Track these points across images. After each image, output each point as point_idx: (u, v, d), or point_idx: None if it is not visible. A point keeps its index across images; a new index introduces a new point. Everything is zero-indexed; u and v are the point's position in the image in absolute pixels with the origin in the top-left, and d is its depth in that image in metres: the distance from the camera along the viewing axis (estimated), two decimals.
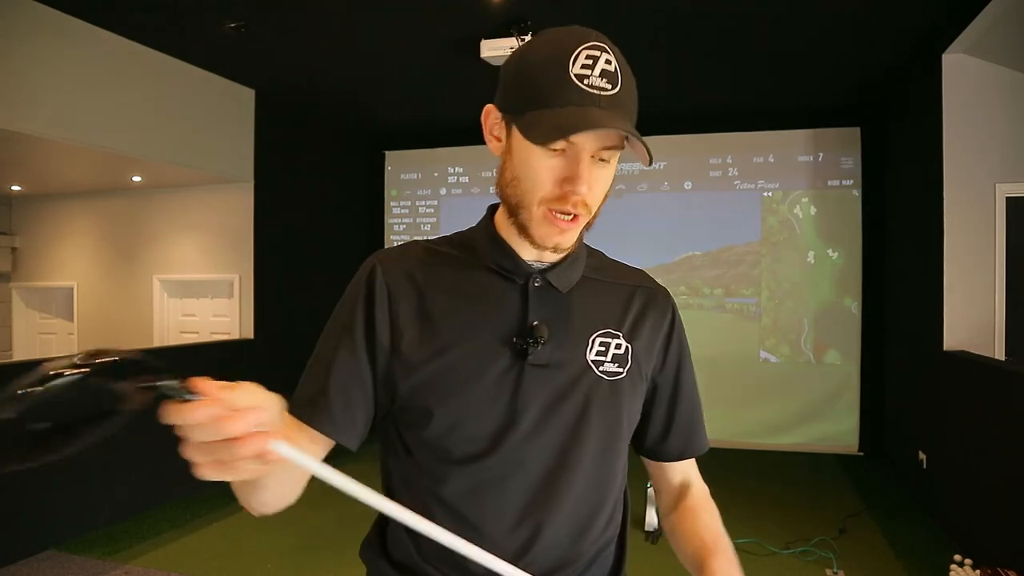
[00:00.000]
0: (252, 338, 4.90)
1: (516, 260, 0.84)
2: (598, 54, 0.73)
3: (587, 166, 0.74)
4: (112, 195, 5.45)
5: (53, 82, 3.48)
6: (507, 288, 0.84)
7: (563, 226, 0.77)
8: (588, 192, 0.75)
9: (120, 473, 3.81)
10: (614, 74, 0.73)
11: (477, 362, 0.80)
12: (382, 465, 0.90)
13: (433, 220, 6.25)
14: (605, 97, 0.72)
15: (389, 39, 3.92)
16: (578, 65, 0.72)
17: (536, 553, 0.80)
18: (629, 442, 0.91)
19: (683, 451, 0.96)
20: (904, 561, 3.22)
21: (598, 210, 0.81)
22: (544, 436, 0.81)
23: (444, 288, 0.84)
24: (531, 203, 0.77)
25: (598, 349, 0.85)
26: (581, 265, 0.89)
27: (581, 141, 0.73)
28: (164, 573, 3.12)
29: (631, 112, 0.75)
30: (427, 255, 0.87)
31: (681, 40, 3.92)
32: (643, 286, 0.93)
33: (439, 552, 0.80)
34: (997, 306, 3.64)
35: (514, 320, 0.82)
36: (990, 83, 3.65)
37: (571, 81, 0.72)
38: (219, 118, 4.63)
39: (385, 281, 0.83)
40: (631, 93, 0.75)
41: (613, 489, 0.88)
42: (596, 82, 0.72)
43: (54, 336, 6.09)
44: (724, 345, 5.48)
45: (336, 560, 3.26)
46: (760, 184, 5.44)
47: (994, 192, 3.64)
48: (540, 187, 0.76)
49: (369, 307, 0.82)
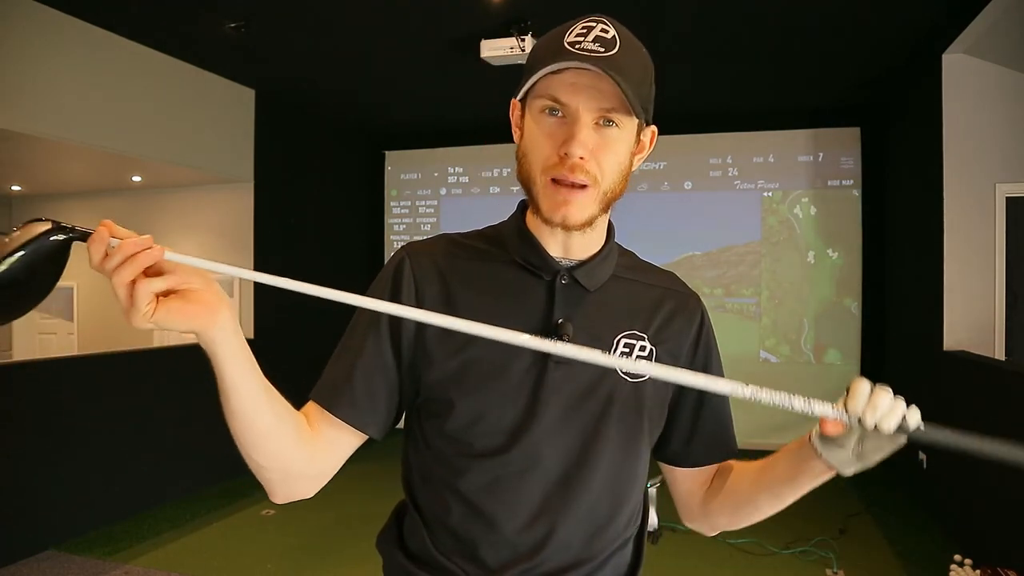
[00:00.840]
0: (252, 338, 4.90)
1: (543, 255, 0.83)
2: (594, 24, 0.75)
3: (584, 127, 0.74)
4: (112, 195, 5.45)
5: (53, 82, 3.48)
6: (534, 284, 0.83)
7: (566, 195, 0.75)
8: (588, 156, 0.74)
9: (120, 473, 3.81)
10: (610, 40, 0.73)
11: (500, 357, 0.79)
12: (403, 458, 0.90)
13: (433, 220, 6.25)
14: (594, 57, 0.71)
15: (389, 39, 3.92)
16: (573, 35, 0.74)
17: (550, 552, 0.80)
18: (647, 459, 0.89)
19: (704, 459, 0.92)
20: (904, 561, 3.22)
21: (618, 186, 0.79)
22: (563, 435, 0.80)
23: (471, 281, 0.84)
24: (536, 174, 0.77)
25: (622, 350, 0.83)
26: (611, 263, 0.88)
27: (575, 103, 0.73)
28: (164, 573, 3.12)
29: (630, 76, 0.73)
30: (456, 248, 0.87)
31: (681, 40, 3.92)
32: (674, 289, 0.92)
33: (453, 544, 0.81)
34: (997, 306, 3.64)
35: (539, 316, 0.81)
36: (990, 83, 3.65)
37: (563, 47, 0.73)
38: (219, 118, 4.63)
39: (413, 274, 0.84)
40: (633, 59, 0.75)
41: (633, 492, 0.87)
42: (588, 45, 0.72)
43: (54, 336, 6.09)
44: (724, 345, 5.24)
45: (336, 560, 3.26)
46: (760, 184, 5.44)
47: (994, 192, 3.64)
48: (541, 154, 0.76)
49: (396, 298, 0.82)
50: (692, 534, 3.98)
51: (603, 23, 0.75)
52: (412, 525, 0.86)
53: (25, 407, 3.33)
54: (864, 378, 0.67)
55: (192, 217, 5.17)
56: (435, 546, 0.82)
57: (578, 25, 0.75)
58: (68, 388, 3.56)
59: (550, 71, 0.73)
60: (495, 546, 0.80)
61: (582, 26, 0.75)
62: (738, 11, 3.50)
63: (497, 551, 0.80)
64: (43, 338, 6.16)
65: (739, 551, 3.36)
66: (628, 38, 0.75)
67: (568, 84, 0.73)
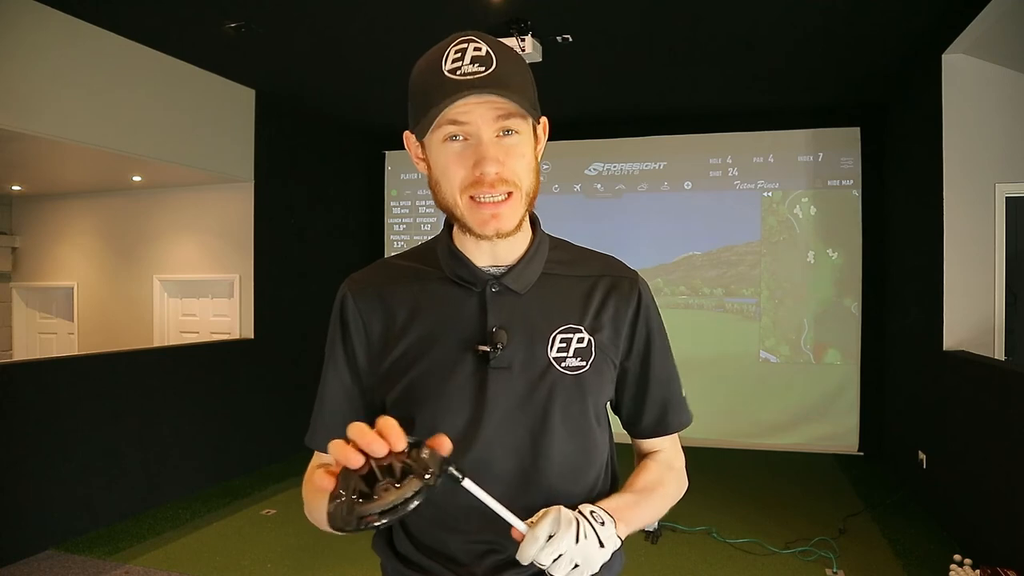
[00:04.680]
0: (252, 338, 4.90)
1: (472, 269, 0.88)
2: (465, 45, 0.78)
3: (490, 144, 0.78)
4: (112, 195, 5.45)
5: (54, 82, 3.48)
6: (466, 296, 0.88)
7: (492, 209, 0.80)
8: (502, 167, 0.79)
9: (120, 473, 3.81)
10: (485, 57, 0.77)
11: (444, 370, 0.85)
12: None
13: (433, 220, 6.25)
14: (478, 79, 0.76)
15: (389, 39, 3.92)
16: (449, 61, 0.77)
17: (512, 545, 0.84)
18: (605, 427, 0.94)
19: (656, 429, 0.98)
20: (904, 561, 3.22)
21: (534, 184, 0.84)
22: (512, 433, 0.85)
23: (410, 302, 0.90)
24: (455, 196, 0.81)
25: (559, 346, 0.87)
26: (540, 262, 0.91)
27: (474, 121, 0.77)
28: (164, 573, 3.13)
29: (514, 85, 0.77)
30: (393, 271, 0.94)
31: (681, 40, 3.92)
32: (606, 275, 0.94)
33: (428, 543, 0.89)
34: (997, 306, 3.64)
35: (475, 327, 0.86)
36: (990, 83, 3.65)
37: (444, 77, 0.77)
38: (219, 118, 4.64)
39: (356, 307, 0.91)
40: (512, 68, 0.79)
41: (589, 477, 0.91)
42: (468, 69, 0.76)
43: (54, 336, 6.09)
44: (724, 345, 5.48)
45: (336, 560, 3.26)
46: (760, 184, 5.44)
47: (994, 192, 3.64)
48: (456, 178, 0.80)
49: (345, 334, 0.91)
50: (692, 534, 3.98)
51: (474, 41, 0.79)
52: (396, 528, 0.94)
53: (25, 407, 3.33)
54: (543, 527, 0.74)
55: (192, 217, 5.16)
56: (416, 547, 0.90)
57: (451, 50, 0.78)
58: (68, 388, 3.56)
59: (445, 107, 0.76)
60: (462, 544, 0.86)
61: (456, 50, 0.78)
62: (738, 11, 3.50)
63: (465, 548, 0.86)
64: (43, 338, 6.17)
65: (739, 551, 3.36)
66: (499, 48, 0.80)
67: (461, 110, 0.77)
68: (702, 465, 4.88)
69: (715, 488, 4.37)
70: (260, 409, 4.89)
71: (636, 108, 5.37)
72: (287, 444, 5.02)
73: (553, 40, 3.85)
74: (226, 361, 4.66)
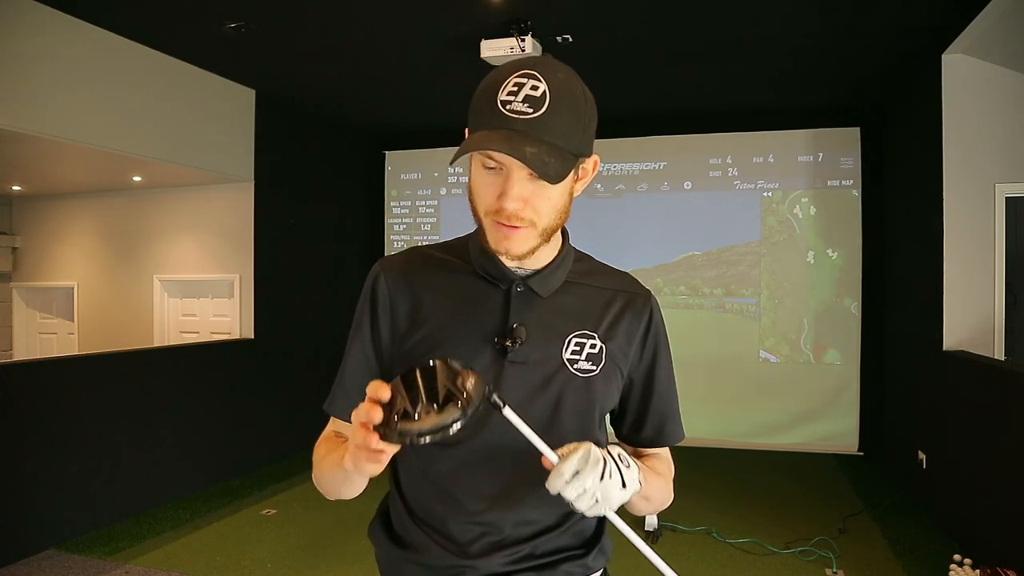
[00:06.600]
0: (252, 338, 4.91)
1: (500, 267, 0.93)
2: (525, 80, 0.80)
3: (516, 183, 0.81)
4: (112, 195, 5.45)
5: (53, 82, 3.48)
6: (492, 292, 0.94)
7: (507, 232, 0.85)
8: (523, 207, 0.83)
9: (120, 473, 3.81)
10: (539, 99, 0.79)
11: (462, 357, 0.87)
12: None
13: (433, 220, 6.25)
14: (523, 120, 0.78)
15: (389, 39, 3.92)
16: (505, 92, 0.80)
17: (512, 526, 0.91)
18: (604, 434, 0.99)
19: (655, 440, 1.03)
20: (904, 561, 3.22)
21: (556, 221, 0.87)
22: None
23: (437, 290, 0.95)
24: (480, 214, 0.88)
25: (573, 348, 0.93)
26: (564, 271, 0.97)
27: (507, 160, 0.80)
28: (164, 573, 3.13)
29: (558, 132, 0.80)
30: (425, 260, 0.99)
31: (681, 40, 3.92)
32: (625, 290, 1.00)
33: (428, 521, 0.94)
34: (997, 306, 3.64)
35: (497, 321, 0.92)
36: (990, 83, 3.65)
37: (496, 107, 0.80)
38: (219, 118, 4.64)
39: (387, 286, 0.96)
40: (562, 115, 0.80)
41: None
42: (517, 107, 0.79)
43: (55, 336, 6.09)
44: (724, 345, 5.48)
45: (335, 560, 3.26)
46: (760, 184, 5.44)
47: (994, 192, 3.65)
48: (482, 200, 0.86)
49: (373, 310, 0.96)
50: (692, 534, 3.98)
51: (535, 79, 0.79)
52: (396, 508, 0.98)
53: (25, 407, 3.33)
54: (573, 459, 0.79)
55: (192, 217, 5.16)
56: (415, 523, 0.94)
57: (511, 80, 0.80)
58: (68, 388, 3.56)
59: (485, 135, 0.79)
60: (461, 524, 0.91)
61: (514, 83, 0.80)
62: (738, 12, 3.50)
63: (463, 528, 0.91)
64: (43, 338, 6.17)
65: (739, 551, 3.36)
66: (558, 89, 0.80)
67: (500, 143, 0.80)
68: (702, 465, 4.88)
69: (715, 488, 4.37)
70: (260, 409, 4.89)
71: (636, 108, 5.37)
72: (287, 444, 5.02)
73: (553, 40, 3.85)
74: (226, 361, 4.66)
